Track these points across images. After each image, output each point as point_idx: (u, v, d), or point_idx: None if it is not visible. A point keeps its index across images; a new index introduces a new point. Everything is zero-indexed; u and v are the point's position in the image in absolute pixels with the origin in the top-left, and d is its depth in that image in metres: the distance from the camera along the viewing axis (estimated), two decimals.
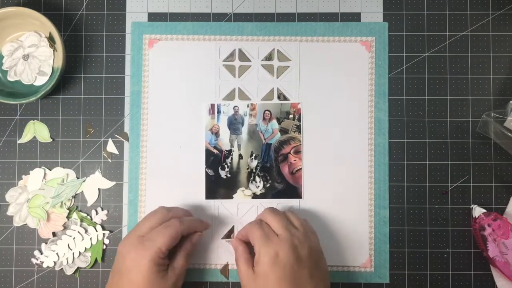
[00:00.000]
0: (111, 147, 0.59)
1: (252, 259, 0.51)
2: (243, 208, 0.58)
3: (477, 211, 0.56)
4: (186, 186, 0.58)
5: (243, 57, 0.59)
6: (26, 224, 0.58)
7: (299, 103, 0.59)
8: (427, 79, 0.59)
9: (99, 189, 0.58)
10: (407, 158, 0.59)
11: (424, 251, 0.58)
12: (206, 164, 0.58)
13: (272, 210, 0.53)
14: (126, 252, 0.49)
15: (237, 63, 0.59)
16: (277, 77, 0.59)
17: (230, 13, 0.60)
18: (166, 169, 0.58)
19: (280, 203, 0.58)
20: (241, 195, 0.58)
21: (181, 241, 0.52)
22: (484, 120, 0.57)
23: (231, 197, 0.58)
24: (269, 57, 0.59)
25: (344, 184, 0.58)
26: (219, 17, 0.60)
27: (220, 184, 0.58)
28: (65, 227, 0.58)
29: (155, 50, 0.59)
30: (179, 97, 0.59)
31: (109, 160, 0.58)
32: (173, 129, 0.58)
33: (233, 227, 0.58)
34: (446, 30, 0.59)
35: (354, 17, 0.59)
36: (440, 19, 0.60)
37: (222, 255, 0.58)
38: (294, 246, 0.49)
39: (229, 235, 0.58)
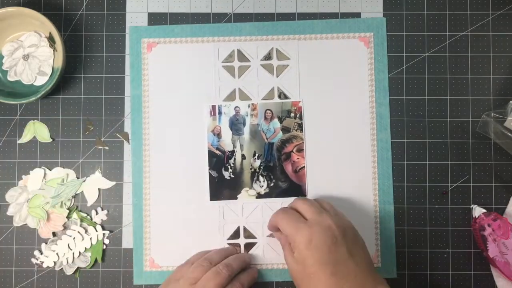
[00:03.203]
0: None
1: None
2: (247, 208, 0.58)
3: (477, 211, 0.56)
4: (190, 189, 0.58)
5: (242, 57, 0.59)
6: (26, 224, 0.58)
7: (300, 101, 0.59)
8: (427, 79, 0.59)
9: (99, 189, 0.58)
10: (407, 158, 0.58)
11: (424, 251, 0.58)
12: (209, 166, 0.58)
13: (302, 198, 0.54)
14: None
15: (236, 63, 0.59)
16: (277, 76, 0.59)
17: (230, 13, 0.60)
18: (169, 172, 0.58)
19: (284, 202, 0.58)
20: (246, 196, 0.58)
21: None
22: (484, 120, 0.57)
23: (236, 198, 0.58)
24: (268, 57, 0.59)
25: (348, 181, 0.58)
26: (219, 17, 0.60)
27: (224, 185, 0.58)
28: (65, 227, 0.58)
29: (154, 54, 0.59)
30: (179, 99, 0.59)
31: (106, 148, 0.58)
32: (175, 132, 0.58)
33: (238, 227, 0.58)
34: (446, 30, 0.59)
35: (354, 17, 0.59)
36: (440, 19, 0.60)
37: None
38: (326, 227, 0.48)
39: (234, 236, 0.58)
